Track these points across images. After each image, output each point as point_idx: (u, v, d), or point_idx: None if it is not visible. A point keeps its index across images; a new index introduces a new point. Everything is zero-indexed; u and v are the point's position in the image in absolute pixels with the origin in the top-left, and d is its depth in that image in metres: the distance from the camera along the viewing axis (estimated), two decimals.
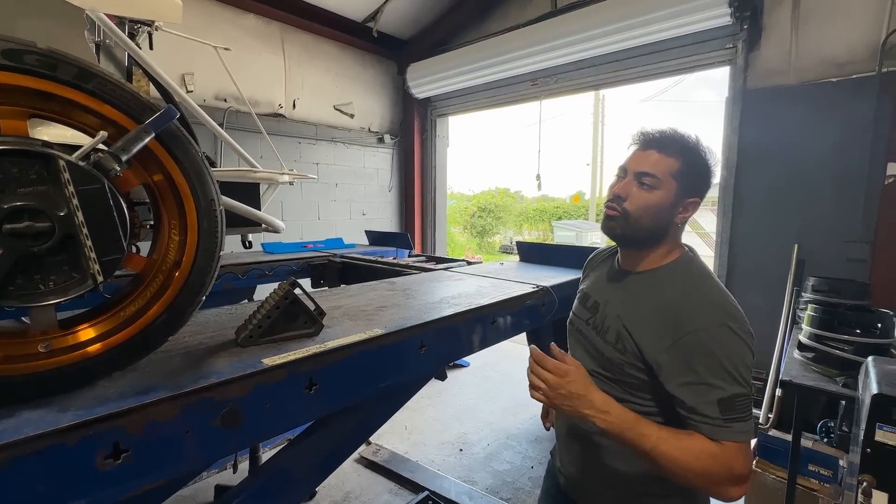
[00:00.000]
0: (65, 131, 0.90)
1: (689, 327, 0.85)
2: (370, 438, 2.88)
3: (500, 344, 1.77)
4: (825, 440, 2.54)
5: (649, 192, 0.92)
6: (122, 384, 0.85)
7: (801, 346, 2.15)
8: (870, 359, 1.43)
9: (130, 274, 0.90)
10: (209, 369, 0.94)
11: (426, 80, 5.19)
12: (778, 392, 2.57)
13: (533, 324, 1.92)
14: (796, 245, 3.18)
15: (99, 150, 0.77)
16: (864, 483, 1.12)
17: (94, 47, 1.30)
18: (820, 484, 2.17)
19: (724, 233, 3.55)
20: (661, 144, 0.94)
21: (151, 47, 1.51)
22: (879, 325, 1.96)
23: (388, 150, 5.60)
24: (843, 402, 2.32)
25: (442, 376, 1.62)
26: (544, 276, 2.18)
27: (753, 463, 2.39)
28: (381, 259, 2.91)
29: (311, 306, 1.20)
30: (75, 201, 0.70)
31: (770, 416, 2.76)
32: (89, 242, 0.72)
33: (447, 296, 1.73)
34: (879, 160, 2.79)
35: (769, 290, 3.18)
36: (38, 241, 0.71)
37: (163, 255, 0.90)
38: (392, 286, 1.92)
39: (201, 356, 1.02)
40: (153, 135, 0.80)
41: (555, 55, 4.19)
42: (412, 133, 5.64)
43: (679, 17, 3.40)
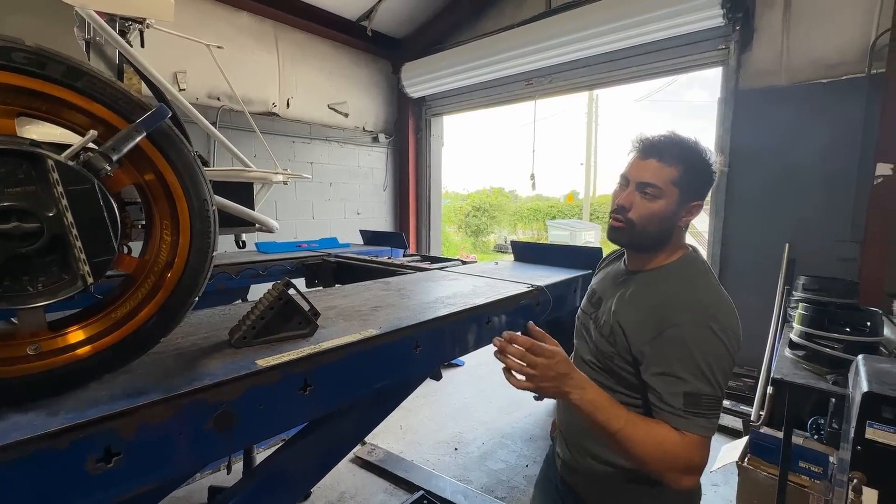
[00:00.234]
0: (54, 130, 0.89)
1: (672, 322, 0.89)
2: (365, 438, 2.87)
3: None
4: (815, 437, 2.57)
5: (652, 201, 0.95)
6: (113, 386, 0.84)
7: (792, 345, 2.17)
8: (860, 357, 1.45)
9: (122, 275, 0.89)
10: (202, 371, 0.93)
11: (421, 80, 5.18)
12: (769, 390, 2.60)
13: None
14: (787, 244, 3.21)
15: (89, 149, 0.76)
16: (855, 480, 1.13)
17: (84, 45, 1.29)
18: (810, 480, 2.20)
19: (717, 232, 3.58)
20: (661, 152, 0.95)
21: (143, 45, 1.49)
22: (868, 324, 1.99)
23: (382, 150, 5.58)
24: (833, 400, 2.35)
25: (437, 376, 1.62)
26: (539, 276, 2.18)
27: (746, 460, 2.41)
28: (375, 259, 2.90)
29: (306, 307, 1.19)
30: (64, 201, 0.69)
31: (761, 413, 2.79)
32: (79, 243, 0.71)
33: (442, 296, 1.72)
34: (868, 160, 2.82)
35: (761, 289, 3.21)
36: (26, 242, 0.70)
37: (155, 255, 0.89)
38: (387, 286, 1.91)
39: (194, 357, 1.01)
40: (144, 134, 0.79)
41: (549, 55, 4.20)
42: (407, 132, 5.63)
43: (672, 17, 3.42)
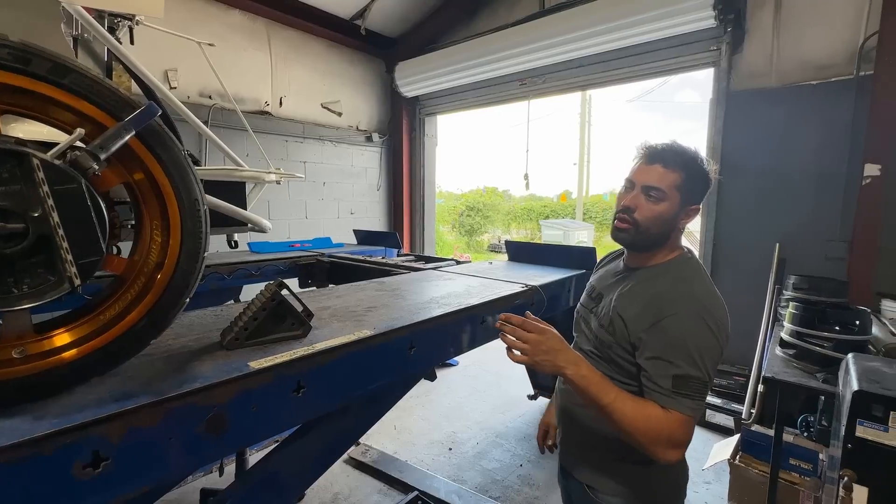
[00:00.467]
0: (40, 128, 0.87)
1: (668, 312, 0.97)
2: (359, 438, 2.85)
3: (489, 342, 1.77)
4: (805, 434, 2.60)
5: (656, 203, 1.03)
6: (101, 390, 0.83)
7: (783, 343, 2.19)
8: (850, 356, 1.47)
9: (111, 276, 0.88)
10: (193, 373, 0.92)
11: (414, 79, 5.16)
12: (760, 388, 2.63)
13: None
14: (778, 244, 3.25)
15: (76, 147, 0.74)
16: (845, 478, 1.15)
17: (71, 41, 1.26)
18: (801, 478, 2.22)
19: (709, 232, 3.61)
20: (665, 159, 1.03)
21: (132, 42, 1.46)
22: (857, 323, 2.01)
23: (376, 149, 5.56)
24: (823, 398, 2.38)
25: (431, 377, 1.61)
26: (533, 276, 2.19)
27: (737, 458, 2.44)
28: (369, 259, 2.89)
29: (299, 308, 1.18)
30: (50, 201, 0.68)
31: (752, 411, 2.82)
32: (65, 244, 0.70)
33: (436, 296, 1.72)
34: (857, 161, 2.86)
35: (752, 288, 3.24)
36: (10, 243, 0.68)
37: (144, 256, 0.87)
38: (381, 286, 1.90)
39: (185, 360, 0.99)
40: (133, 132, 0.78)
41: (543, 55, 4.20)
42: (401, 132, 5.61)
43: (665, 19, 3.44)
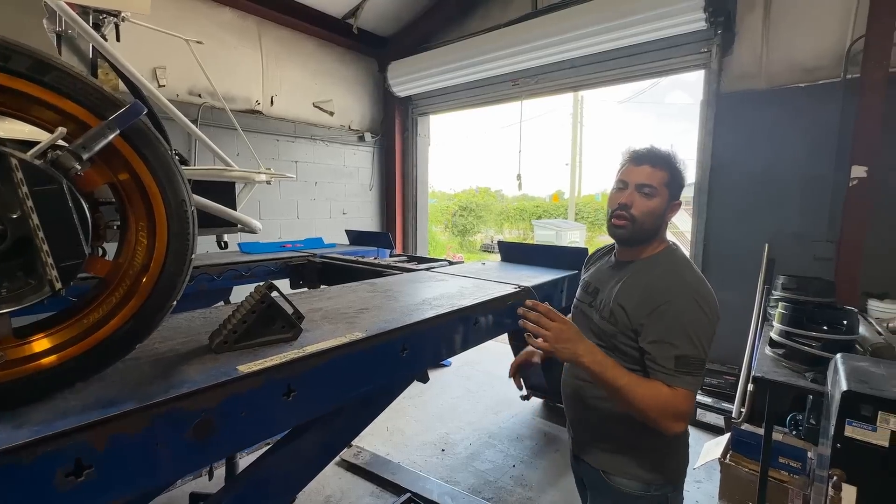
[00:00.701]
0: (21, 127, 0.84)
1: (664, 299, 1.08)
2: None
3: (482, 343, 1.76)
4: (794, 433, 2.64)
5: (649, 199, 1.14)
6: (85, 396, 0.80)
7: (772, 343, 2.21)
8: (838, 356, 1.48)
9: (96, 278, 0.86)
10: (180, 378, 0.90)
11: (407, 79, 5.14)
12: (750, 387, 2.65)
13: (515, 324, 1.91)
14: (767, 244, 3.28)
15: (58, 147, 0.72)
16: (835, 477, 1.16)
17: (54, 38, 1.23)
18: (790, 476, 2.25)
19: (699, 232, 3.64)
20: (652, 160, 1.14)
21: (119, 39, 1.43)
22: (845, 322, 2.04)
23: (368, 149, 5.53)
24: (811, 397, 2.41)
25: (424, 378, 1.60)
26: (526, 276, 2.18)
27: (728, 456, 2.46)
28: (361, 259, 2.87)
29: (289, 310, 1.16)
30: (30, 203, 0.66)
31: (742, 410, 2.84)
32: (46, 247, 0.67)
33: (429, 297, 1.71)
34: (844, 163, 2.90)
35: (742, 288, 3.27)
36: None
37: (129, 259, 0.85)
38: (373, 287, 1.89)
39: (172, 364, 0.97)
40: (118, 131, 0.76)
41: (535, 56, 4.21)
42: (393, 131, 5.59)
43: (656, 20, 3.46)
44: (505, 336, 3.30)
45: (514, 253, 2.82)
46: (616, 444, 1.20)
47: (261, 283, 1.13)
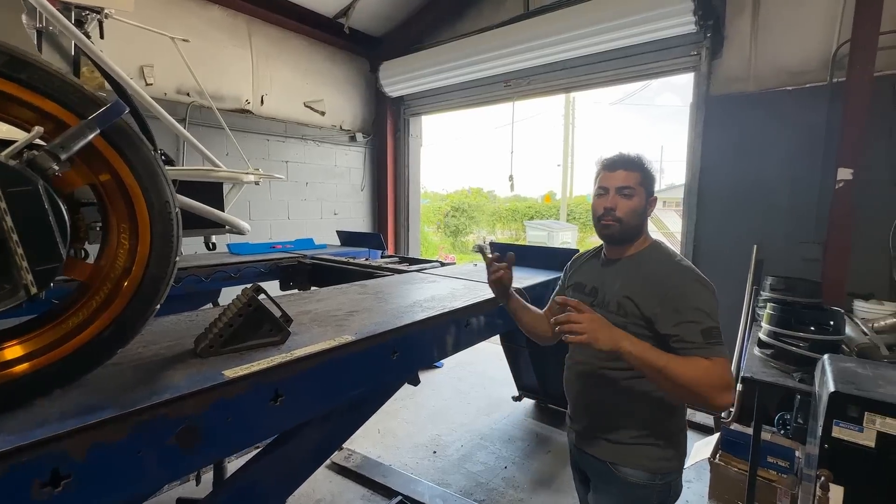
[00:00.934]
0: None
1: (670, 284, 1.15)
2: None
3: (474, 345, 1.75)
4: (782, 432, 2.67)
5: (630, 199, 1.23)
6: (64, 403, 0.78)
7: (761, 343, 2.23)
8: (826, 357, 1.50)
9: (77, 281, 0.83)
10: (164, 383, 0.88)
11: (399, 79, 5.12)
12: (739, 387, 2.68)
13: (507, 325, 1.91)
14: (756, 245, 3.32)
15: (35, 146, 0.70)
16: (822, 478, 1.17)
17: (35, 35, 1.20)
18: (778, 475, 2.27)
19: (689, 233, 3.67)
20: (625, 164, 1.24)
21: (102, 36, 1.40)
22: (832, 323, 2.06)
23: (360, 149, 5.50)
24: (799, 396, 2.44)
25: (415, 381, 1.59)
26: (518, 278, 2.17)
27: (717, 456, 2.48)
28: (352, 260, 2.85)
29: (277, 313, 1.15)
30: (3, 204, 0.63)
31: (731, 410, 2.87)
32: (20, 250, 0.65)
33: (420, 299, 1.70)
34: (830, 165, 2.94)
35: (731, 289, 3.30)
36: None
37: (111, 261, 0.83)
38: (364, 289, 1.87)
39: (156, 369, 0.95)
40: (98, 131, 0.74)
41: (527, 57, 4.21)
42: (385, 132, 5.56)
43: (647, 23, 3.48)
44: (497, 337, 3.29)
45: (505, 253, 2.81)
46: (624, 434, 1.23)
47: (248, 286, 1.11)
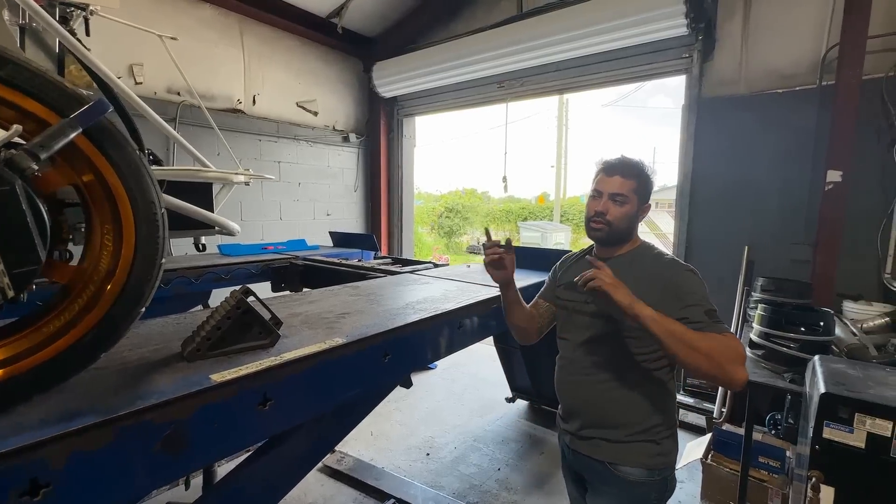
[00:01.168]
0: None
1: (667, 276, 1.20)
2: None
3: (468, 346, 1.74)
4: (773, 432, 2.68)
5: (622, 206, 1.26)
6: (44, 409, 0.76)
7: (752, 344, 2.25)
8: (816, 358, 1.51)
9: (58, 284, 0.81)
10: (149, 388, 0.86)
11: (393, 80, 5.11)
12: None
13: (500, 327, 1.90)
14: (747, 246, 3.34)
15: (15, 145, 0.68)
16: (813, 479, 1.17)
17: (18, 32, 1.17)
18: (770, 475, 2.28)
19: (682, 234, 3.69)
20: (622, 170, 1.26)
21: (88, 33, 1.37)
22: (821, 324, 2.08)
23: (353, 150, 5.48)
24: (790, 397, 2.46)
25: (407, 384, 1.58)
26: None
27: (709, 456, 2.49)
28: (345, 261, 2.83)
29: (266, 315, 1.13)
30: None
31: (723, 410, 2.89)
32: None
33: (413, 301, 1.68)
34: (820, 167, 2.97)
35: (723, 289, 3.32)
36: None
37: (94, 263, 0.81)
38: (356, 291, 1.86)
39: (141, 373, 0.93)
40: (80, 130, 0.72)
41: (520, 58, 4.22)
42: (378, 132, 5.54)
43: (639, 25, 3.50)
44: (490, 338, 3.28)
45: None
46: (620, 432, 1.24)
47: (237, 288, 1.10)
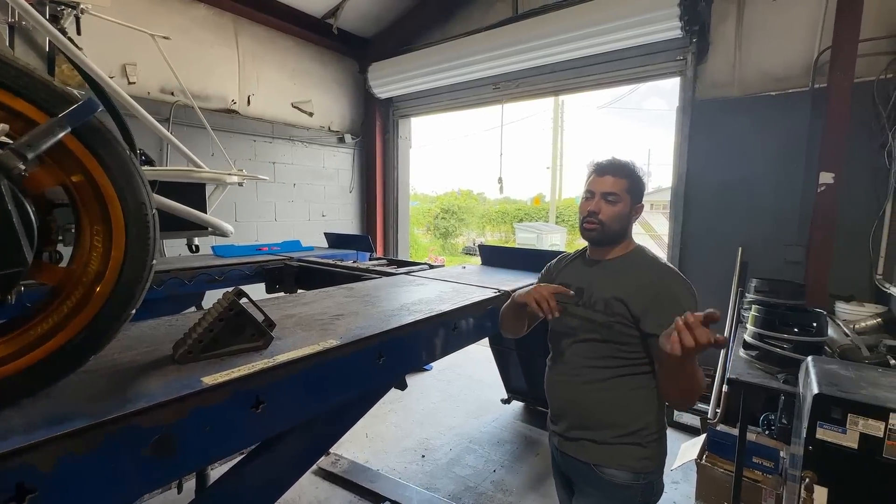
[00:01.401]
0: None
1: (661, 285, 1.21)
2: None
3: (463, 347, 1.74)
4: (767, 433, 2.70)
5: (614, 205, 1.26)
6: (31, 413, 0.75)
7: (746, 345, 2.26)
8: (809, 359, 1.51)
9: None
10: (139, 391, 0.85)
11: (388, 80, 5.10)
12: (725, 388, 2.70)
13: (495, 328, 1.90)
14: (741, 247, 3.36)
15: (2, 144, 0.67)
16: (807, 479, 1.18)
17: (7, 30, 1.16)
18: (763, 475, 2.29)
19: (676, 235, 3.71)
20: (614, 170, 1.28)
21: (79, 32, 1.36)
22: (815, 325, 2.09)
23: (348, 151, 5.46)
24: (783, 397, 2.47)
25: (402, 386, 1.57)
26: (506, 280, 2.18)
27: (704, 457, 2.49)
28: (340, 263, 2.81)
29: (260, 317, 1.12)
30: None
31: (718, 411, 2.90)
32: None
33: (407, 302, 1.68)
34: (812, 169, 3.00)
35: (717, 290, 3.34)
36: None
37: (83, 265, 0.80)
38: (350, 292, 1.85)
39: (131, 376, 0.92)
40: (68, 129, 0.71)
41: (516, 60, 4.23)
42: (374, 133, 5.53)
43: (633, 28, 3.52)
44: (486, 340, 3.28)
45: (494, 256, 2.81)
46: (607, 434, 1.24)
47: (229, 290, 1.09)
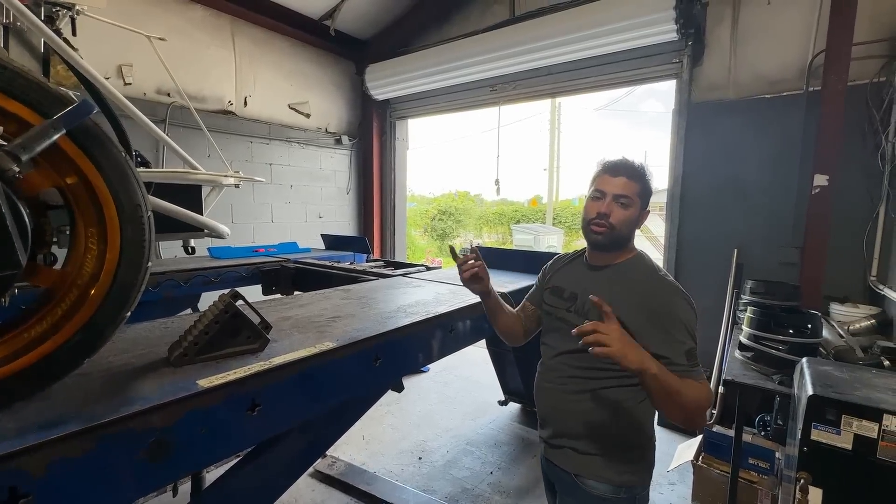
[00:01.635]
0: None
1: (659, 300, 1.14)
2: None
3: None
4: (762, 433, 2.71)
5: (626, 209, 1.19)
6: (24, 417, 0.74)
7: (741, 346, 2.27)
8: (804, 360, 1.52)
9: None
10: (134, 394, 0.84)
11: (385, 82, 5.10)
12: (721, 389, 2.72)
13: (492, 330, 1.90)
14: (736, 249, 3.38)
15: None
16: (802, 480, 1.18)
17: (1, 31, 1.15)
18: (759, 476, 2.30)
19: (672, 237, 3.72)
20: (627, 172, 1.20)
21: (74, 33, 1.35)
22: (809, 326, 2.11)
23: (345, 152, 5.46)
24: (778, 398, 2.48)
25: (399, 388, 1.57)
26: (503, 282, 2.18)
27: (700, 458, 2.50)
28: (337, 264, 2.81)
29: (255, 319, 1.12)
30: None
31: (714, 412, 2.91)
32: None
33: (404, 304, 1.68)
34: (807, 171, 3.02)
35: (713, 292, 3.35)
36: None
37: (78, 267, 0.79)
38: (347, 294, 1.84)
39: (126, 379, 0.91)
40: (63, 131, 0.71)
41: (513, 62, 4.24)
42: (371, 135, 5.53)
43: (630, 30, 3.54)
44: (483, 341, 3.28)
45: (491, 258, 2.80)
46: (591, 446, 1.20)
47: (225, 292, 1.08)
